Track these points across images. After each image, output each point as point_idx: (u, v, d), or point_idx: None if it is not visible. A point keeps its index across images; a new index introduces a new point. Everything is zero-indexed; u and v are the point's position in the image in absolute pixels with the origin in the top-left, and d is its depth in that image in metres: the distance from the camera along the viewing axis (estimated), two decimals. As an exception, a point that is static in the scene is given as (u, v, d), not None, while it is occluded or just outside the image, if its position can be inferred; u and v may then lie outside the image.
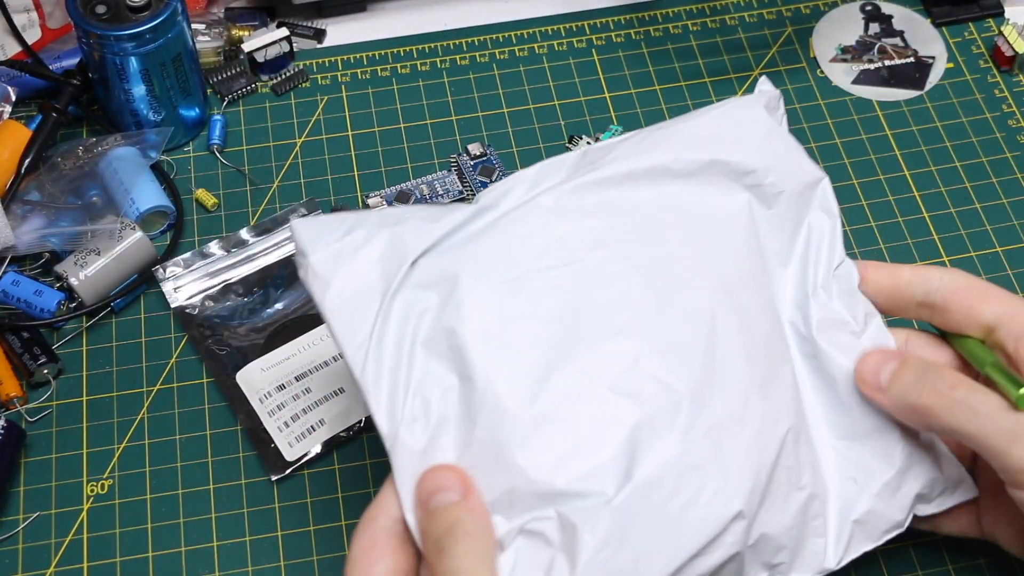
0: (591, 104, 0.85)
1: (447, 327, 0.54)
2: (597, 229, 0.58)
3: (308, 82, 0.87)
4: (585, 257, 0.56)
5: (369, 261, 0.56)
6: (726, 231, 0.60)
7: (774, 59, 0.87)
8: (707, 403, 0.54)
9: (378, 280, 0.56)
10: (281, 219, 0.78)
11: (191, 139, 0.83)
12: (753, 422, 0.55)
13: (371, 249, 0.56)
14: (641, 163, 0.60)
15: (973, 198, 0.80)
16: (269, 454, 0.69)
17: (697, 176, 0.60)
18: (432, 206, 0.60)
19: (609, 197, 0.59)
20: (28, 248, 0.76)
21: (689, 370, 0.54)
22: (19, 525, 0.68)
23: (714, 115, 0.63)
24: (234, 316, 0.75)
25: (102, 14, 0.76)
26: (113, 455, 0.70)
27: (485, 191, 0.59)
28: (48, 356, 0.72)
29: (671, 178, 0.60)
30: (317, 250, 0.56)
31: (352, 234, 0.57)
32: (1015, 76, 0.86)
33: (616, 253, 0.57)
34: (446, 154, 0.82)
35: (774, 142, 0.62)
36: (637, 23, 0.90)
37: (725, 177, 0.61)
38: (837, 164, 0.81)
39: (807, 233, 0.61)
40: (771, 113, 0.63)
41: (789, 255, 0.61)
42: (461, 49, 0.88)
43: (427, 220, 0.58)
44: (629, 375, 0.53)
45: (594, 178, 0.59)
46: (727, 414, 0.54)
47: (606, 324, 0.55)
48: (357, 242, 0.57)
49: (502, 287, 0.55)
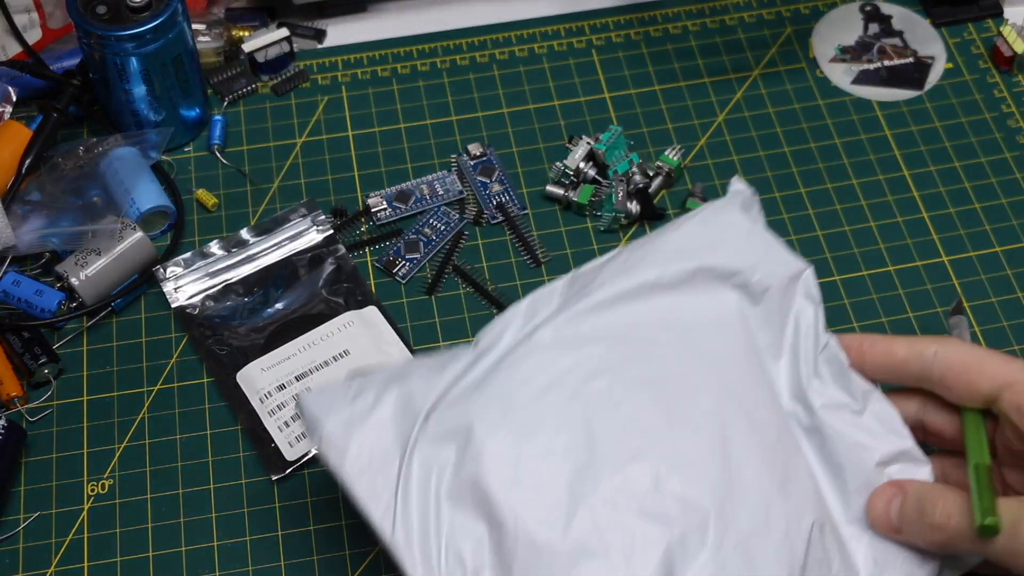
0: (591, 104, 0.85)
1: (470, 478, 0.55)
2: (596, 357, 0.59)
3: (308, 82, 0.87)
4: (590, 387, 0.58)
5: (382, 422, 0.57)
6: (722, 334, 0.62)
7: (773, 59, 0.87)
8: (732, 514, 0.55)
9: (393, 440, 0.57)
10: (281, 219, 0.78)
11: (191, 139, 0.83)
12: (778, 524, 0.56)
13: (382, 410, 0.58)
14: (629, 283, 0.61)
15: (972, 198, 0.80)
16: (269, 454, 0.69)
17: (686, 285, 0.62)
18: (434, 355, 0.61)
19: (604, 322, 0.61)
20: (29, 248, 0.76)
21: (710, 483, 0.56)
22: (19, 525, 0.68)
23: (693, 223, 0.65)
24: (234, 316, 0.75)
25: (102, 14, 0.76)
26: (113, 455, 0.70)
27: (483, 331, 0.61)
28: (48, 356, 0.72)
29: (661, 292, 0.62)
30: (329, 420, 0.57)
31: (361, 397, 0.58)
32: (1014, 76, 0.86)
33: (619, 378, 0.58)
34: (446, 154, 0.82)
35: (755, 241, 0.64)
36: (637, 23, 0.90)
37: (713, 281, 0.63)
38: (837, 164, 0.81)
39: (795, 324, 0.63)
40: (747, 211, 0.65)
41: (780, 348, 0.63)
42: (461, 49, 0.88)
43: (432, 371, 0.59)
44: (653, 497, 0.55)
45: (586, 305, 0.61)
46: (752, 522, 0.55)
47: (622, 450, 0.56)
48: (367, 404, 0.58)
49: (516, 430, 0.56)
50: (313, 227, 0.78)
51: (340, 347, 0.72)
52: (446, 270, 0.77)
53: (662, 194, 0.80)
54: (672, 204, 0.80)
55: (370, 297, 0.75)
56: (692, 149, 0.82)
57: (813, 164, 0.81)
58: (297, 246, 0.77)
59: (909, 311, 0.75)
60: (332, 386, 0.59)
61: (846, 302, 0.75)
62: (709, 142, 0.83)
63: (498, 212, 0.79)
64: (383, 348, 0.72)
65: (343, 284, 0.76)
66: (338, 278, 0.76)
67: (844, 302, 0.75)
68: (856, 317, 0.74)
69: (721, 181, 0.81)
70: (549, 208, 0.80)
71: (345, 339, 0.73)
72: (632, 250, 0.64)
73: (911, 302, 0.75)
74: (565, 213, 0.79)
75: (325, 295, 0.75)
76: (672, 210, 0.79)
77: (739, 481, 0.56)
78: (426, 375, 0.59)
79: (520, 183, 0.81)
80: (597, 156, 0.80)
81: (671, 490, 0.55)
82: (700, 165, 0.82)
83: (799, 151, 0.82)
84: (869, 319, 0.74)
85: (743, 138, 0.83)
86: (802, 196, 0.80)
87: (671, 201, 0.80)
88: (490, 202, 0.80)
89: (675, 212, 0.79)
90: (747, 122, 0.84)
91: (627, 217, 0.78)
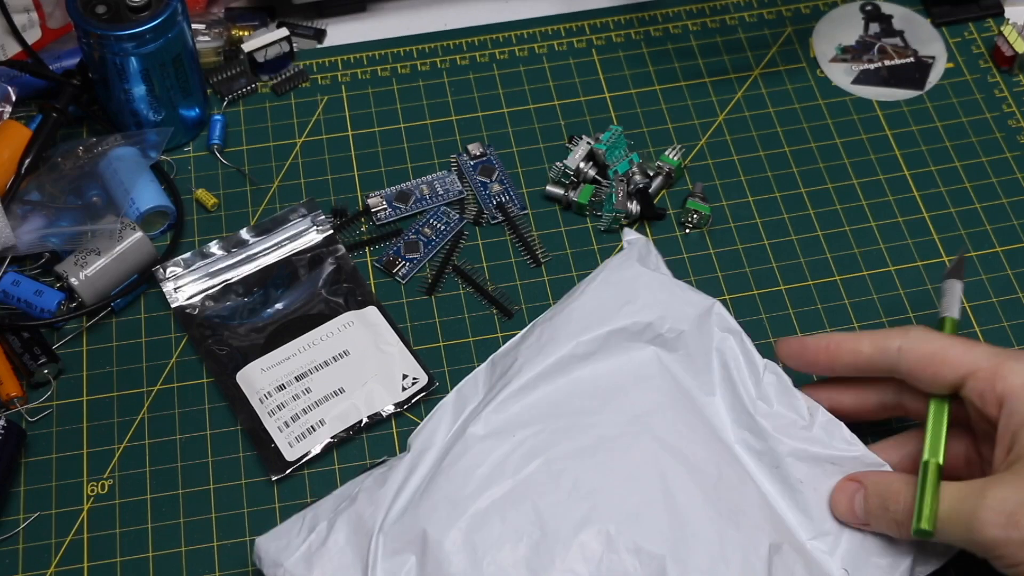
0: (591, 104, 0.85)
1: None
2: (529, 439, 0.62)
3: (308, 82, 0.87)
4: (528, 469, 0.61)
5: (339, 547, 0.61)
6: (645, 389, 0.64)
7: (774, 59, 0.87)
8: (687, 555, 0.58)
9: (352, 562, 0.60)
10: (281, 219, 0.78)
11: (191, 139, 0.83)
12: (734, 555, 0.58)
13: (337, 536, 0.61)
14: (547, 361, 0.65)
15: (973, 198, 0.80)
16: (269, 454, 0.69)
17: (601, 352, 0.65)
18: (372, 470, 0.64)
19: (530, 403, 0.64)
20: (28, 248, 0.76)
21: (660, 532, 0.58)
22: (19, 525, 0.68)
23: (596, 286, 0.67)
24: (234, 316, 0.75)
25: (102, 14, 0.76)
26: (113, 455, 0.70)
27: (415, 434, 0.64)
28: (48, 356, 0.72)
29: (578, 363, 0.65)
30: (289, 556, 0.61)
31: (315, 530, 0.62)
32: (1015, 76, 0.86)
33: (554, 454, 0.61)
34: (446, 154, 0.82)
35: (657, 290, 0.67)
36: (637, 23, 0.90)
37: (626, 341, 0.66)
38: (837, 164, 0.81)
39: (720, 358, 0.66)
40: (645, 260, 0.68)
41: (711, 384, 0.65)
42: (461, 49, 0.88)
43: (375, 485, 0.63)
44: (608, 557, 0.58)
45: (511, 391, 0.64)
46: (708, 559, 0.58)
47: (570, 519, 0.59)
48: (322, 535, 0.61)
49: (467, 525, 0.59)
50: (313, 227, 0.78)
51: (340, 347, 0.72)
52: (446, 270, 0.77)
53: (662, 194, 0.80)
54: (672, 204, 0.80)
55: (370, 297, 0.75)
56: (692, 149, 0.82)
57: (813, 164, 0.81)
58: (297, 246, 0.77)
59: (910, 311, 0.75)
60: (284, 525, 0.63)
61: (847, 302, 0.75)
62: (709, 142, 0.83)
63: (498, 212, 0.79)
64: (383, 348, 0.72)
65: (343, 284, 0.76)
66: (338, 278, 0.76)
67: (844, 302, 0.75)
68: (856, 317, 0.74)
69: (722, 181, 0.80)
70: (549, 208, 0.80)
71: (345, 339, 0.73)
72: (543, 325, 0.67)
73: (912, 302, 0.75)
74: (565, 213, 0.79)
75: (325, 295, 0.75)
76: (672, 210, 0.79)
77: (688, 523, 0.59)
78: (370, 493, 0.62)
79: (520, 183, 0.81)
80: (597, 156, 0.80)
81: (624, 546, 0.58)
82: (700, 165, 0.81)
83: (799, 151, 0.82)
84: (869, 319, 0.74)
85: (743, 138, 0.83)
86: (802, 196, 0.80)
87: (671, 201, 0.80)
88: (490, 202, 0.80)
89: (675, 212, 0.79)
90: (747, 122, 0.84)
91: (627, 217, 0.78)
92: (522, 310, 0.75)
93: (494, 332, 0.74)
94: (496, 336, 0.74)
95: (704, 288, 0.75)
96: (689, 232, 0.78)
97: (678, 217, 0.79)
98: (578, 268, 0.77)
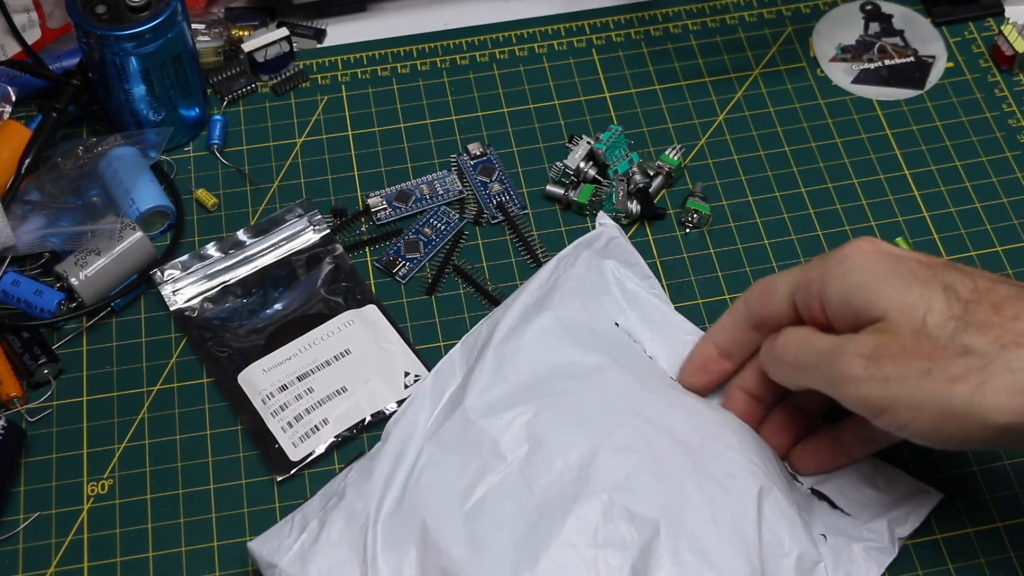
0: (591, 104, 0.85)
1: (438, 569, 0.59)
2: (516, 419, 0.63)
3: (308, 82, 0.87)
4: (519, 451, 0.62)
5: (332, 542, 0.61)
6: (620, 368, 0.67)
7: (774, 58, 0.87)
8: (679, 519, 0.59)
9: (348, 555, 0.61)
10: (278, 219, 0.78)
11: (191, 139, 0.83)
12: (724, 517, 0.60)
13: (328, 532, 0.62)
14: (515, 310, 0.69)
15: (973, 197, 0.80)
16: (273, 455, 0.69)
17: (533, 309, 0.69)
18: (358, 460, 0.65)
19: (511, 384, 0.65)
20: (28, 248, 0.76)
21: (652, 497, 0.60)
22: (19, 525, 0.67)
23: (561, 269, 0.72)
24: (233, 317, 0.74)
25: (102, 14, 0.76)
26: (113, 455, 0.70)
27: (394, 420, 0.66)
28: (48, 356, 0.72)
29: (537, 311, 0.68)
30: (282, 556, 0.61)
31: (307, 529, 0.62)
32: (1015, 75, 0.86)
33: (543, 435, 0.62)
34: (446, 154, 0.82)
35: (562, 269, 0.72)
36: (637, 23, 0.89)
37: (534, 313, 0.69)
38: (837, 163, 0.81)
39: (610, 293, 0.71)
40: (606, 251, 0.73)
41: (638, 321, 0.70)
42: (461, 49, 0.88)
43: (361, 478, 0.63)
44: (604, 527, 0.59)
45: (486, 371, 0.66)
46: (699, 521, 0.60)
47: (565, 496, 0.60)
48: (314, 532, 0.62)
49: (465, 514, 0.60)
50: (310, 227, 0.78)
51: (341, 346, 0.72)
52: (446, 270, 0.77)
53: (662, 194, 0.80)
54: (672, 204, 0.80)
55: (369, 296, 0.75)
56: (693, 148, 0.82)
57: (814, 163, 0.81)
58: (294, 246, 0.77)
59: (910, 310, 0.75)
60: (273, 529, 0.63)
61: (847, 301, 0.75)
62: (709, 141, 0.83)
63: (498, 212, 0.79)
64: (383, 346, 0.72)
65: (342, 283, 0.76)
66: (336, 277, 0.76)
67: (845, 301, 0.75)
68: (857, 316, 0.74)
69: (722, 180, 0.80)
70: (549, 208, 0.80)
71: (345, 338, 0.73)
72: (505, 302, 0.71)
73: (912, 301, 0.75)
74: (565, 213, 0.79)
75: (324, 295, 0.75)
76: (672, 210, 0.79)
77: (678, 489, 0.61)
78: (357, 487, 0.63)
79: (520, 183, 0.81)
80: (597, 156, 0.80)
81: (620, 514, 0.59)
82: (700, 164, 0.81)
83: (800, 150, 0.82)
84: (870, 318, 0.74)
85: (743, 137, 0.83)
86: (803, 195, 0.80)
87: (671, 201, 0.80)
88: (490, 202, 0.79)
89: (675, 212, 0.79)
90: (747, 121, 0.84)
91: (627, 217, 0.78)
92: (522, 310, 0.75)
93: (494, 332, 0.74)
94: (496, 336, 0.74)
95: (704, 288, 0.76)
96: (689, 232, 0.78)
97: (678, 217, 0.79)
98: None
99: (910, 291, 0.57)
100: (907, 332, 0.56)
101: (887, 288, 0.57)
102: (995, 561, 0.65)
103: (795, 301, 0.62)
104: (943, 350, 0.55)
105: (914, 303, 0.56)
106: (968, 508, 0.66)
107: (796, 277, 0.62)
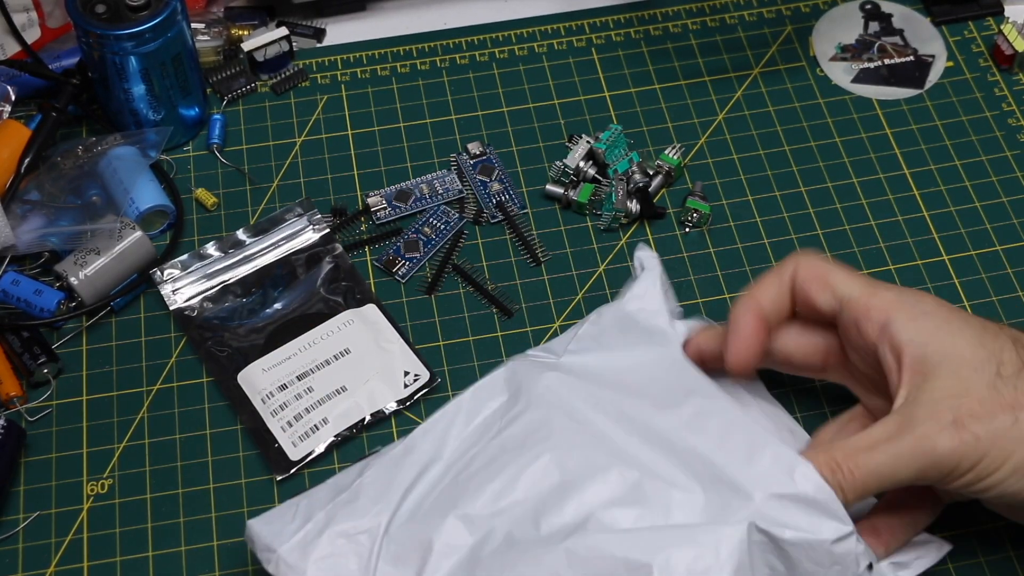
0: (591, 103, 0.85)
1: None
2: (543, 454, 0.61)
3: (308, 81, 0.87)
4: (540, 486, 0.60)
5: (335, 540, 0.60)
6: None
7: (774, 58, 0.87)
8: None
9: (350, 557, 0.59)
10: (278, 219, 0.78)
11: (191, 138, 0.83)
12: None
13: (335, 528, 0.60)
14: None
15: (973, 197, 0.80)
16: (273, 454, 0.69)
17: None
18: (375, 458, 0.63)
19: (539, 416, 0.62)
20: (28, 248, 0.76)
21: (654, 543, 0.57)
22: (19, 525, 0.68)
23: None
24: (233, 317, 0.74)
25: (102, 14, 0.76)
26: (113, 455, 0.70)
27: (424, 431, 0.63)
28: (48, 356, 0.72)
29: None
30: (282, 543, 0.59)
31: (312, 520, 0.60)
32: (1015, 75, 0.86)
33: (563, 463, 0.60)
34: (446, 153, 0.82)
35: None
36: (637, 22, 0.89)
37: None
38: (837, 163, 0.81)
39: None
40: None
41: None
42: (461, 49, 0.88)
43: (381, 482, 0.61)
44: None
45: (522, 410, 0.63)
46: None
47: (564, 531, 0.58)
48: (319, 525, 0.60)
49: (475, 542, 0.58)
50: (309, 226, 0.78)
51: (341, 346, 0.72)
52: (446, 269, 0.77)
53: (662, 193, 0.80)
54: (672, 203, 0.80)
55: (369, 295, 0.75)
56: (692, 148, 0.82)
57: (813, 163, 0.81)
58: (293, 246, 0.77)
59: (910, 310, 0.75)
60: (277, 510, 0.62)
61: (847, 301, 0.75)
62: (709, 141, 0.83)
63: (498, 211, 0.79)
64: (383, 345, 0.72)
65: (341, 283, 0.76)
66: (336, 276, 0.76)
67: (845, 301, 0.75)
68: (857, 316, 0.74)
69: (721, 180, 0.80)
70: (549, 207, 0.80)
71: (345, 337, 0.73)
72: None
73: (912, 301, 0.75)
74: (565, 212, 0.79)
75: (323, 294, 0.75)
76: (672, 209, 0.79)
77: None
78: (375, 490, 0.61)
79: (520, 182, 0.81)
80: (597, 155, 0.80)
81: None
82: (700, 164, 0.81)
83: (799, 150, 0.82)
84: (870, 318, 0.74)
85: (743, 137, 0.83)
86: (802, 195, 0.80)
87: (671, 200, 0.80)
88: (490, 201, 0.79)
89: (675, 211, 0.79)
90: (747, 121, 0.84)
91: (627, 216, 0.78)
92: (522, 309, 0.75)
93: (494, 331, 0.74)
94: (496, 335, 0.74)
95: (704, 287, 0.75)
96: (689, 231, 0.78)
97: (678, 216, 0.79)
98: (578, 267, 0.77)
99: (983, 344, 0.58)
100: (983, 385, 0.57)
101: (960, 341, 0.59)
102: (995, 561, 0.65)
103: (837, 309, 0.62)
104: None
105: (987, 356, 0.58)
106: (968, 508, 0.66)
107: (855, 290, 0.62)
